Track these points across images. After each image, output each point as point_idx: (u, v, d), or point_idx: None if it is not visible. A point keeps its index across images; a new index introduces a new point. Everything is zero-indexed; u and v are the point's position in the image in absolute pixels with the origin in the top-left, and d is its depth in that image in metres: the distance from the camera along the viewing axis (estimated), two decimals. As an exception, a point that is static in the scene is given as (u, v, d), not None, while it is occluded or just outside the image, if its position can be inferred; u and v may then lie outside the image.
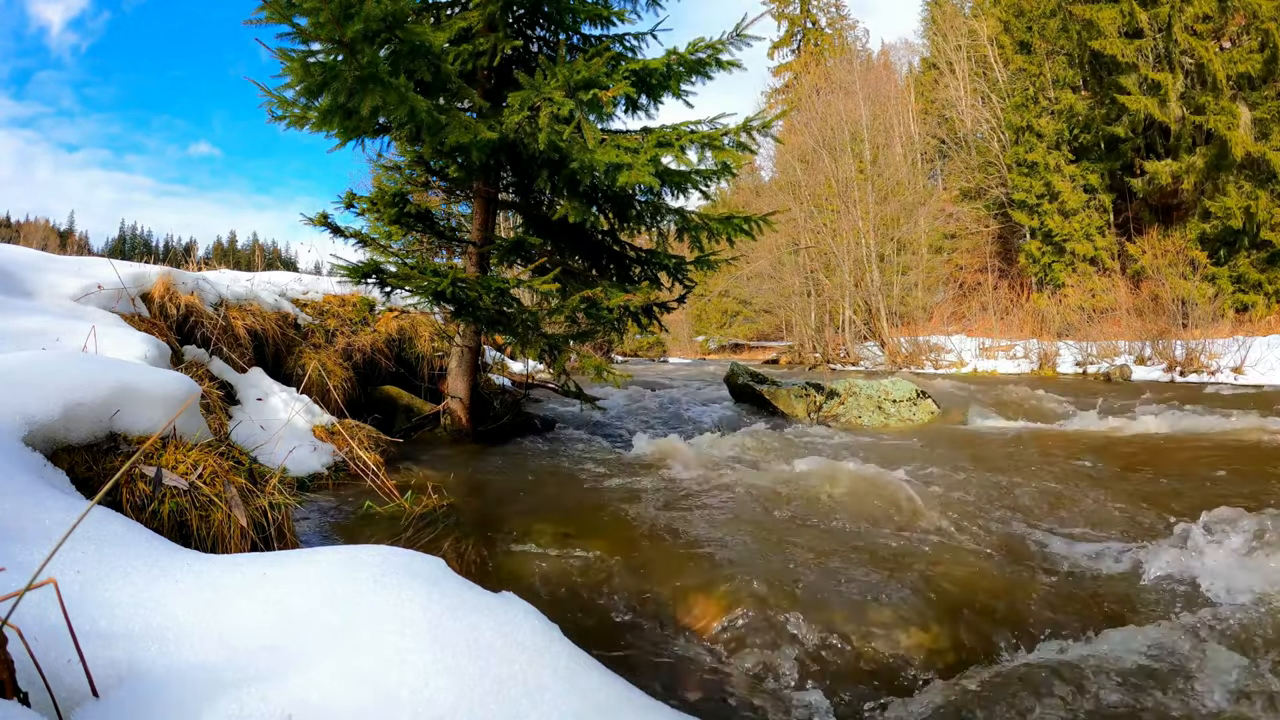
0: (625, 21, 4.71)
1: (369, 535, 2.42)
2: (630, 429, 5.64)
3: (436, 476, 3.23)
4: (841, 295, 21.68)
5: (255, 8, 3.03)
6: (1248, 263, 15.37)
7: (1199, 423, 5.25)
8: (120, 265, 3.65)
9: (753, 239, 4.80)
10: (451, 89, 3.83)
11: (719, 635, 1.79)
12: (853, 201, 21.78)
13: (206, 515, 1.71)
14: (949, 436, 5.23)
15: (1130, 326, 14.92)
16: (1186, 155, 16.02)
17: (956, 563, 2.19)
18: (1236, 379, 10.95)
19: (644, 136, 3.97)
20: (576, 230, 4.75)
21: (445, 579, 1.16)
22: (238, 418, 3.13)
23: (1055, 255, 19.18)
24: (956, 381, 10.77)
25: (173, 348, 3.33)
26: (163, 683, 0.83)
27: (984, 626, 1.79)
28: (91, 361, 1.83)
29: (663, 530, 2.55)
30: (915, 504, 2.83)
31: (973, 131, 23.63)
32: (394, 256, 4.45)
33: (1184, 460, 4.00)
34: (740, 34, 4.10)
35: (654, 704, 1.01)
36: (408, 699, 0.84)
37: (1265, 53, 14.90)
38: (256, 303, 4.68)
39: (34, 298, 3.03)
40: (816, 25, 36.05)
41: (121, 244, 74.82)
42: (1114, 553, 2.27)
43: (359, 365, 5.06)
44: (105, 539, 1.16)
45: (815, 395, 6.45)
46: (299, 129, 3.90)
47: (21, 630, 0.75)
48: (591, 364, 4.27)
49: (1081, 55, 18.31)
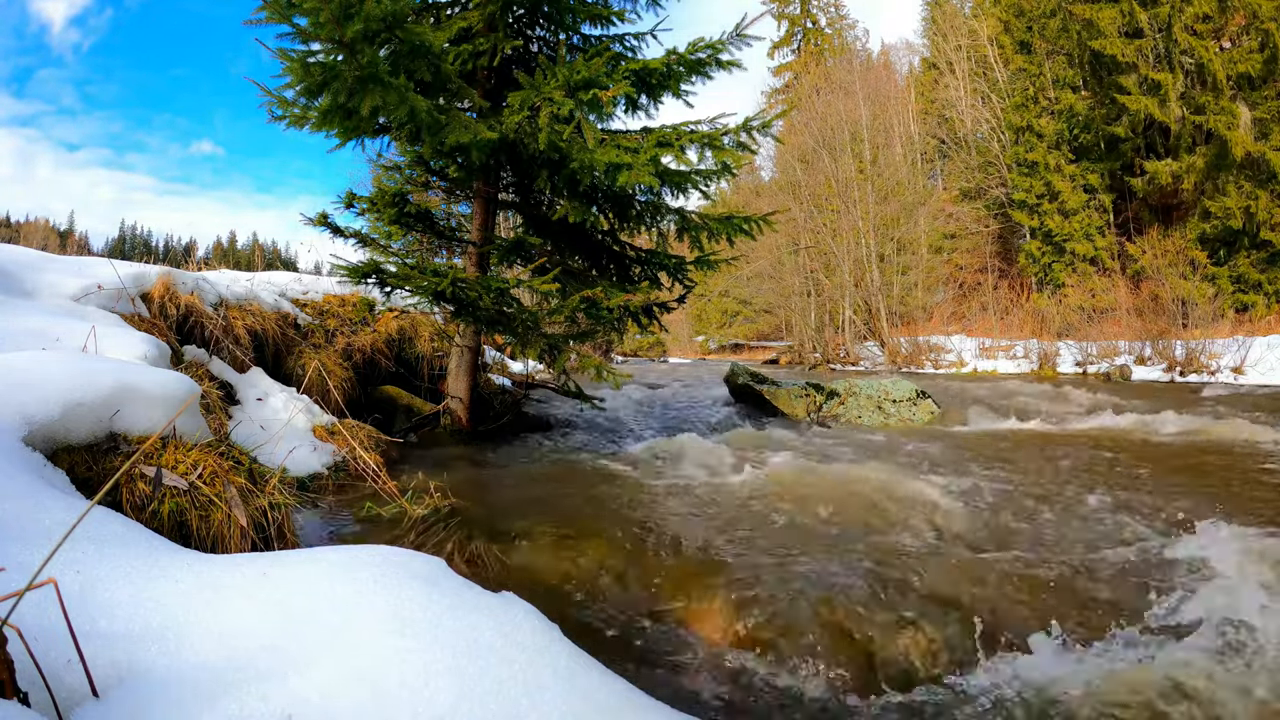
0: (625, 21, 4.71)
1: (369, 535, 2.41)
2: (630, 429, 5.64)
3: (437, 477, 3.23)
4: (841, 295, 21.68)
5: (255, 8, 3.03)
6: (1248, 263, 15.37)
7: (1199, 423, 5.25)
8: (120, 265, 3.65)
9: (753, 239, 4.80)
10: (451, 89, 3.83)
11: (719, 635, 1.79)
12: (853, 201, 21.78)
13: (206, 515, 1.71)
14: (949, 437, 5.23)
15: (1130, 326, 14.91)
16: (1186, 155, 16.01)
17: (957, 563, 2.19)
18: (1236, 379, 10.95)
19: (644, 136, 3.97)
20: (576, 230, 4.75)
21: (445, 579, 1.16)
22: (238, 418, 3.13)
23: (1055, 255, 19.18)
24: (956, 381, 10.76)
25: (173, 348, 3.33)
26: (163, 683, 0.83)
27: (989, 627, 1.79)
28: (91, 361, 1.83)
29: (662, 531, 2.55)
30: (915, 504, 2.84)
31: (973, 131, 23.63)
32: (394, 256, 4.45)
33: (1184, 460, 4.00)
34: (740, 34, 4.10)
35: (654, 704, 1.01)
36: (408, 699, 0.84)
37: (1265, 53, 14.90)
38: (256, 303, 4.68)
39: (34, 297, 3.02)
40: (816, 25, 36.04)
41: (121, 244, 74.83)
42: (1115, 552, 2.27)
43: (359, 365, 5.06)
44: (105, 539, 1.16)
45: (815, 395, 6.45)
46: (299, 129, 3.90)
47: (21, 630, 0.75)
48: (591, 364, 4.27)
49: (1081, 55, 18.30)
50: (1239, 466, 3.75)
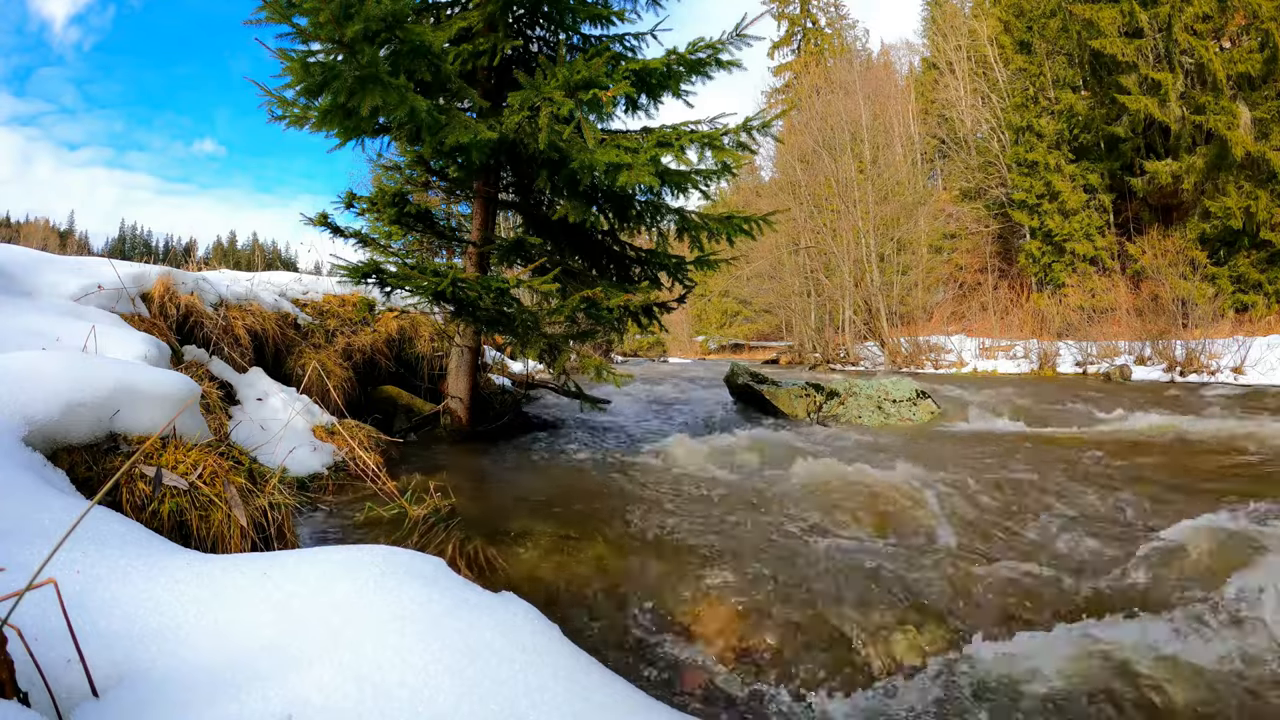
0: (625, 21, 4.71)
1: (369, 535, 2.41)
2: (630, 429, 5.64)
3: (437, 477, 3.23)
4: (841, 295, 21.67)
5: (255, 7, 3.03)
6: (1248, 263, 15.37)
7: (1199, 423, 5.24)
8: (120, 265, 3.65)
9: (753, 239, 4.80)
10: (451, 89, 3.83)
11: (719, 636, 1.79)
12: (853, 201, 21.77)
13: (206, 515, 1.71)
14: (949, 436, 5.23)
15: (1130, 326, 14.91)
16: (1186, 155, 16.00)
17: (956, 563, 2.19)
18: (1236, 379, 10.95)
19: (644, 136, 3.97)
20: (576, 230, 4.75)
21: (446, 579, 1.16)
22: (238, 418, 3.13)
23: (1055, 255, 19.17)
24: (957, 381, 10.77)
25: (173, 348, 3.33)
26: (163, 683, 0.83)
27: (986, 625, 1.79)
28: (91, 361, 1.83)
29: (662, 531, 2.55)
30: (915, 504, 2.83)
31: (973, 131, 23.62)
32: (394, 256, 4.44)
33: (1185, 460, 4.00)
34: (740, 34, 4.10)
35: (654, 704, 1.01)
36: (407, 699, 0.84)
37: (1265, 52, 14.89)
38: (256, 303, 4.68)
39: (34, 297, 3.02)
40: (816, 25, 36.04)
41: (121, 244, 74.81)
42: (1116, 551, 2.27)
43: (359, 365, 5.06)
44: (105, 539, 1.16)
45: (815, 395, 6.45)
46: (299, 129, 3.90)
47: (21, 630, 0.75)
48: (591, 364, 4.27)
49: (1081, 55, 18.30)
50: (1239, 466, 3.75)
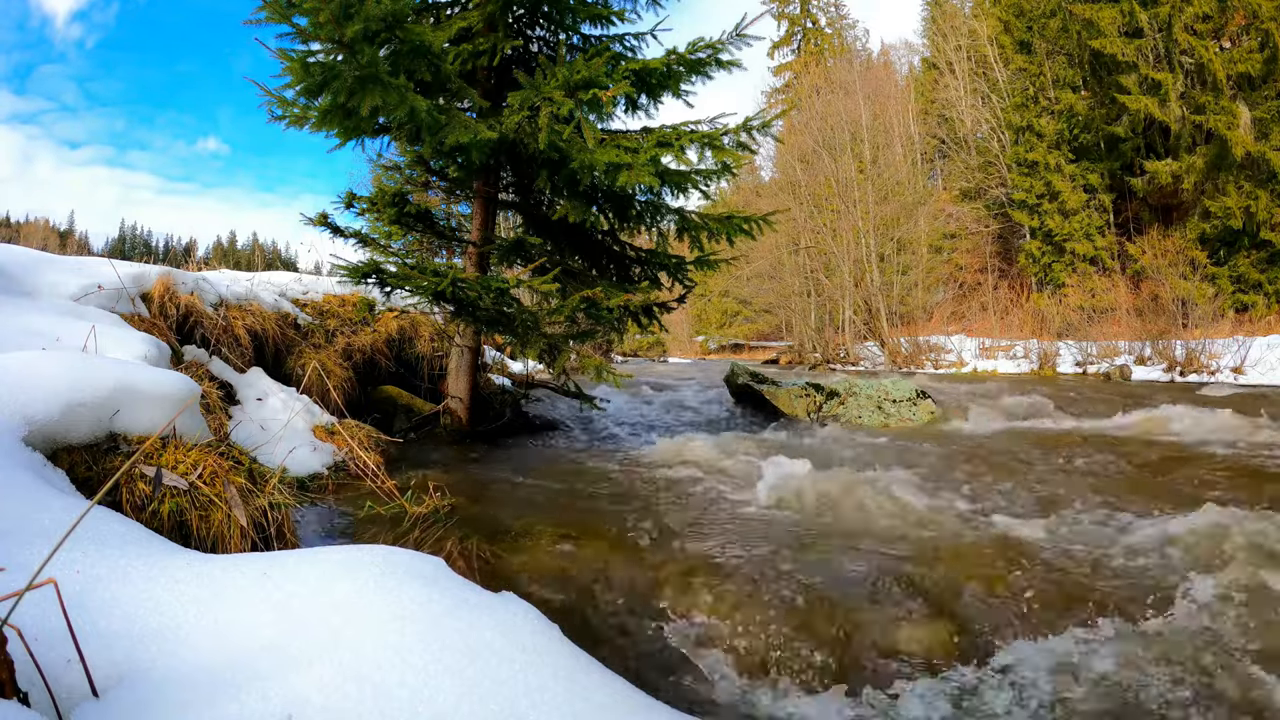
0: (625, 21, 4.70)
1: (369, 535, 2.41)
2: (630, 429, 5.64)
3: (437, 477, 3.23)
4: (841, 295, 21.67)
5: (255, 7, 3.03)
6: (1248, 263, 15.37)
7: (1198, 423, 5.24)
8: (120, 265, 3.65)
9: (753, 239, 4.80)
10: (451, 89, 3.83)
11: (720, 637, 1.79)
12: (853, 201, 21.77)
13: (206, 515, 1.71)
14: (949, 436, 5.23)
15: (1130, 326, 14.90)
16: (1186, 155, 16.00)
17: (956, 563, 2.19)
18: (1236, 379, 10.95)
19: (644, 136, 3.97)
20: (576, 230, 4.75)
21: (446, 579, 1.16)
22: (238, 418, 3.13)
23: (1055, 255, 19.17)
24: (957, 381, 10.77)
25: (173, 348, 3.33)
26: (163, 683, 0.83)
27: (984, 624, 1.79)
28: (91, 361, 1.83)
29: (663, 531, 2.55)
30: (915, 504, 2.83)
31: (973, 131, 23.61)
32: (394, 256, 4.44)
33: (1185, 460, 3.99)
34: (740, 34, 4.10)
35: (654, 704, 1.01)
36: (407, 699, 0.84)
37: (1265, 52, 14.89)
38: (256, 303, 4.67)
39: (34, 297, 3.02)
40: (816, 25, 36.04)
41: (122, 244, 74.80)
42: (1116, 550, 2.27)
43: (359, 365, 5.05)
44: (105, 539, 1.16)
45: (815, 395, 6.45)
46: (299, 129, 3.90)
47: (21, 630, 0.75)
48: (591, 364, 4.27)
49: (1081, 55, 18.29)
50: (1239, 465, 3.75)
